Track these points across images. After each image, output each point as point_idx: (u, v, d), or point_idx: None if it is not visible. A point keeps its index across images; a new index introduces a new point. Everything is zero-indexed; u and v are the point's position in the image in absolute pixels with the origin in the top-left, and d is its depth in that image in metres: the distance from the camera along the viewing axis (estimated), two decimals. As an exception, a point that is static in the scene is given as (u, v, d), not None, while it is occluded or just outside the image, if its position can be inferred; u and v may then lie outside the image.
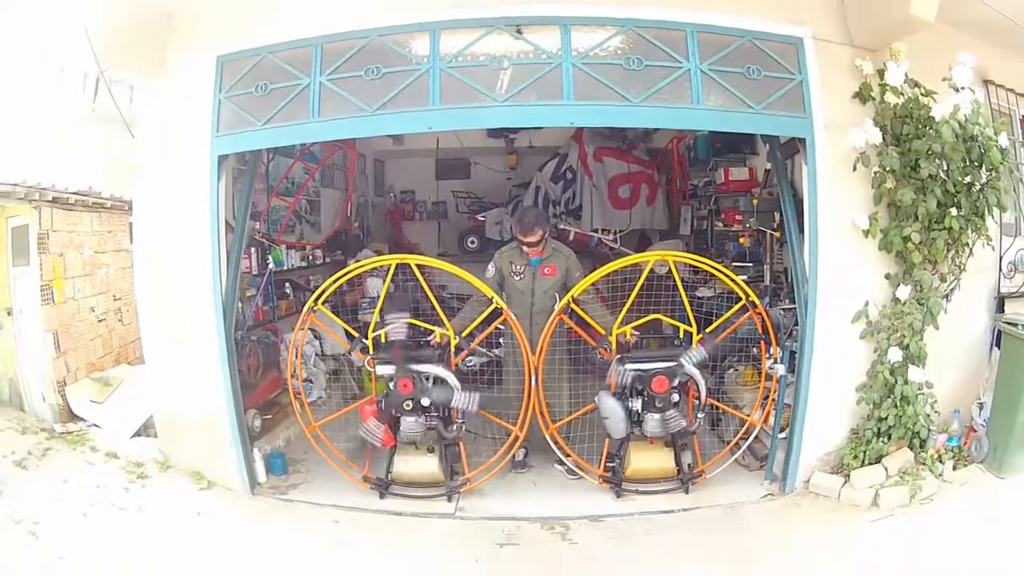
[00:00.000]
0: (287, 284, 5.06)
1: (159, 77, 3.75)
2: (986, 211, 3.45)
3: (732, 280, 3.50)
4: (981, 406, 3.82)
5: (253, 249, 4.49)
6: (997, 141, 3.37)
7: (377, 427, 3.49)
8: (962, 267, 3.62)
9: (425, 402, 3.42)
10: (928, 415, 3.55)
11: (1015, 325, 3.63)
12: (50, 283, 4.68)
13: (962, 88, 3.36)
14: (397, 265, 3.52)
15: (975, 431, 3.73)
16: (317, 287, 4.10)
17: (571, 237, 5.95)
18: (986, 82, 4.11)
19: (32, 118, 5.58)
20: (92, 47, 3.41)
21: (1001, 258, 4.14)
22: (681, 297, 3.52)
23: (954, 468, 3.51)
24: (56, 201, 4.71)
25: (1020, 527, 3.07)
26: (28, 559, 2.95)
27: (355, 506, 3.53)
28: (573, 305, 3.56)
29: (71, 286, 4.86)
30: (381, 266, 3.72)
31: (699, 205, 5.60)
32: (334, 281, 3.55)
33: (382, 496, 3.58)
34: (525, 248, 3.74)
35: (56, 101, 5.77)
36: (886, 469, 3.41)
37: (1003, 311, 4.03)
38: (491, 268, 3.80)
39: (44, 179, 4.62)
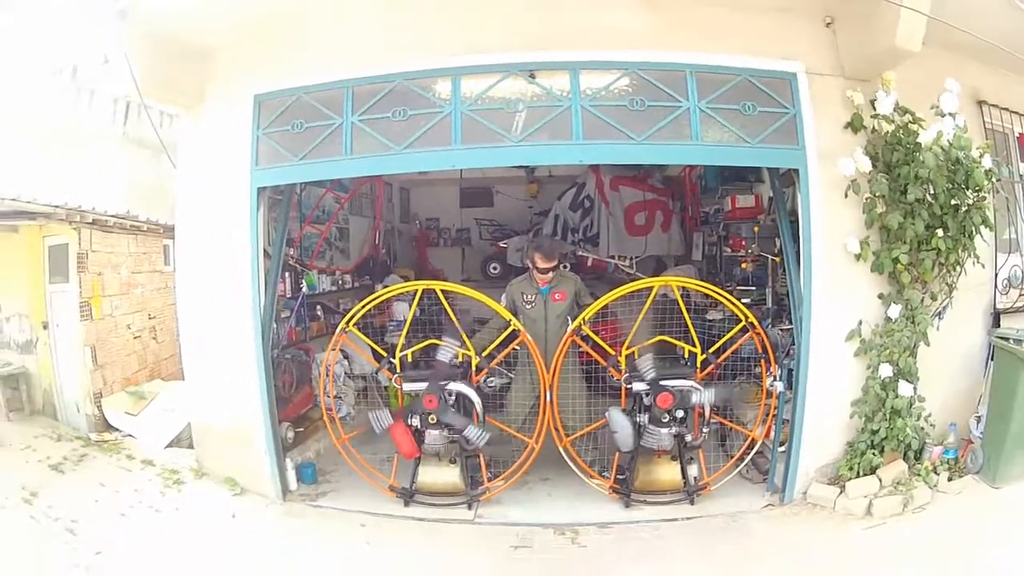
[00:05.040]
0: (318, 307, 5.58)
1: (197, 110, 4.27)
2: (973, 231, 3.79)
3: (732, 303, 3.91)
4: (979, 419, 4.11)
5: (287, 274, 5.00)
6: (981, 163, 3.68)
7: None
8: (953, 285, 3.95)
9: (446, 419, 3.87)
10: (922, 428, 3.89)
11: (1007, 339, 3.95)
12: (89, 300, 5.23)
13: (946, 115, 3.68)
14: (423, 290, 4.01)
15: (972, 443, 4.04)
16: (346, 310, 4.57)
17: (589, 263, 6.45)
18: (979, 103, 4.44)
19: (64, 141, 6.16)
20: (134, 77, 3.85)
21: (996, 275, 4.45)
22: (686, 321, 3.91)
23: (949, 479, 3.82)
24: (95, 223, 5.27)
25: (1009, 532, 3.37)
26: (66, 553, 3.36)
27: (381, 512, 3.98)
28: (585, 328, 3.98)
29: (108, 304, 5.42)
30: (408, 291, 4.20)
31: (710, 231, 6.01)
32: (365, 304, 4.01)
33: (406, 504, 4.03)
34: (538, 275, 4.20)
35: (87, 125, 6.38)
36: (880, 480, 3.74)
37: (999, 326, 4.34)
38: (504, 299, 4.23)
39: (84, 202, 5.18)
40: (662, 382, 3.85)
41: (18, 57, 6.20)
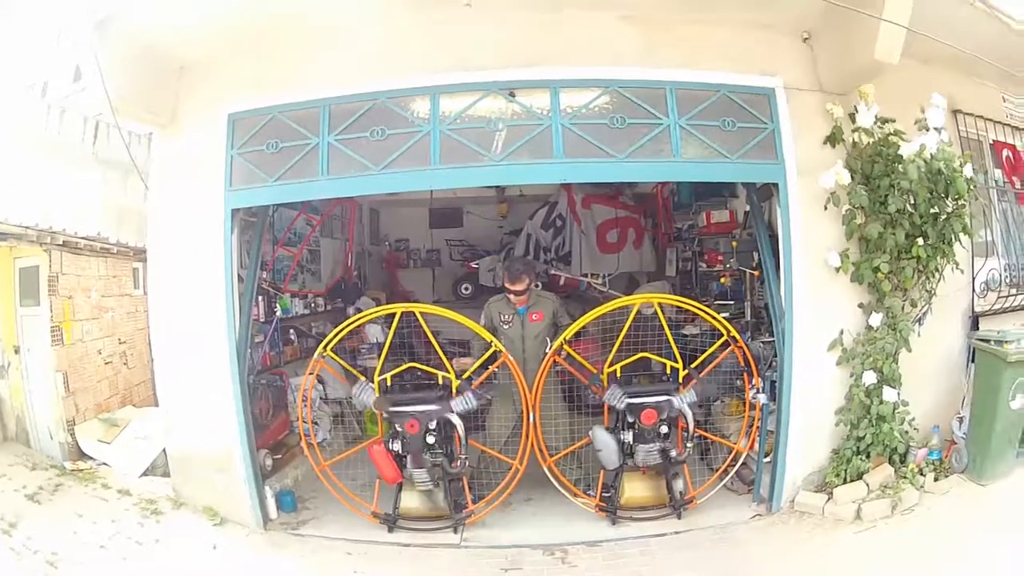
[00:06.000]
0: (292, 331, 5.50)
1: (171, 130, 4.16)
2: (953, 238, 3.86)
3: (713, 317, 3.93)
4: (961, 420, 4.22)
5: (260, 297, 4.90)
6: (962, 173, 3.74)
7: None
8: (932, 292, 4.02)
9: (430, 440, 3.82)
10: (906, 432, 3.95)
11: (987, 341, 4.05)
12: (60, 325, 5.07)
13: (931, 129, 3.74)
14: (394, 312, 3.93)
15: (956, 444, 4.12)
16: (320, 334, 4.48)
17: (561, 282, 6.47)
18: (955, 112, 4.52)
19: (34, 159, 5.98)
20: (107, 93, 3.70)
21: (974, 279, 4.55)
22: (667, 336, 3.93)
23: (935, 479, 3.90)
24: (66, 245, 5.12)
25: (998, 525, 3.46)
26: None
27: (365, 539, 3.91)
28: (566, 347, 3.97)
29: (79, 328, 5.26)
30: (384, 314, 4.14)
31: (684, 247, 6.10)
32: (342, 329, 3.94)
33: (390, 530, 3.96)
34: (512, 297, 4.17)
35: (58, 143, 6.21)
36: (867, 484, 3.80)
37: (978, 329, 4.44)
38: (482, 318, 4.20)
39: (55, 222, 5.01)
40: (639, 400, 3.85)
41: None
